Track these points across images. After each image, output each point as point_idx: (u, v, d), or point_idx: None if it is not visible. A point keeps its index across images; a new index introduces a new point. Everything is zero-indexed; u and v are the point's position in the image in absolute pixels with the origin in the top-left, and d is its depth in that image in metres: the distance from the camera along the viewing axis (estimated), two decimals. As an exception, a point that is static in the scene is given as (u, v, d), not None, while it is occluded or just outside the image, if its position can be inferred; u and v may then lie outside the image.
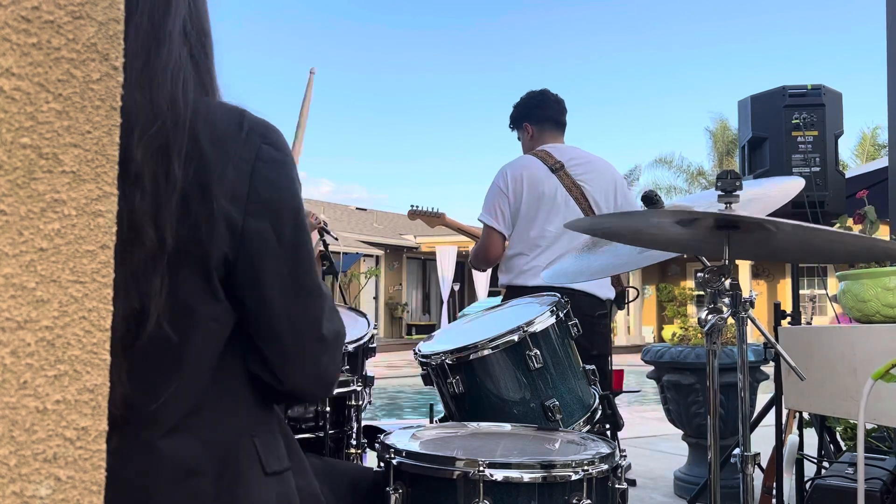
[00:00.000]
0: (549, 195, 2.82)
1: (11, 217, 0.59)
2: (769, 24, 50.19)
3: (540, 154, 2.92)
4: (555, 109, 3.06)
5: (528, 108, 3.08)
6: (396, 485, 1.30)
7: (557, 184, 2.83)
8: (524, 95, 3.13)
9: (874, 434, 2.98)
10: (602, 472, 1.30)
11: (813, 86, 3.03)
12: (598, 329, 2.82)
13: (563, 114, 3.09)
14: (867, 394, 1.50)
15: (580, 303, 2.72)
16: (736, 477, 1.57)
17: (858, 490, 1.59)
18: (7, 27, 0.58)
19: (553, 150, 2.93)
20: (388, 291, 23.96)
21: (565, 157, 2.90)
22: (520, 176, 2.85)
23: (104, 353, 0.64)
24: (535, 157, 2.91)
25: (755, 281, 21.72)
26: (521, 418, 1.75)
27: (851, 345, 2.03)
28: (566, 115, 3.11)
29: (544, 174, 2.85)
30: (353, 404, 2.02)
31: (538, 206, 2.82)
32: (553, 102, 3.07)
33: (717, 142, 25.84)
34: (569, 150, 2.96)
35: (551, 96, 3.09)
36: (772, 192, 1.65)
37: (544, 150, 2.93)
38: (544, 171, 2.86)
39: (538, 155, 2.92)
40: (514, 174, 2.87)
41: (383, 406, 9.43)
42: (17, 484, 0.58)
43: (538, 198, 2.82)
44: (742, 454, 1.55)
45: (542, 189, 2.83)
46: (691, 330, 4.71)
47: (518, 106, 3.12)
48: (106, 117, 0.64)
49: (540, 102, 3.07)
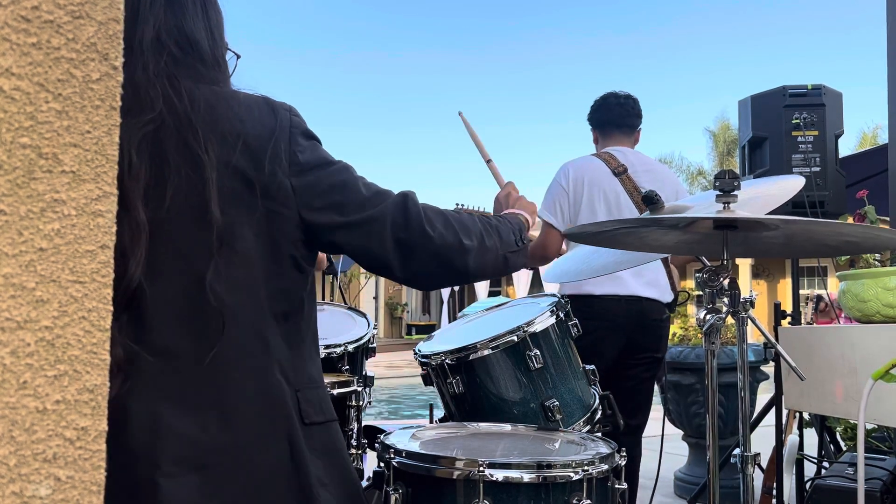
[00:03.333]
0: (609, 198, 2.80)
1: (11, 217, 0.59)
2: (770, 24, 50.23)
3: (604, 156, 2.89)
4: (616, 113, 3.01)
5: (591, 111, 3.08)
6: (396, 485, 1.30)
7: (619, 187, 2.81)
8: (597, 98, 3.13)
9: (874, 434, 2.98)
10: (602, 473, 1.30)
11: (813, 86, 3.03)
12: (662, 333, 2.84)
13: (626, 116, 3.02)
14: (867, 394, 1.50)
15: (648, 308, 2.75)
16: (736, 477, 1.57)
17: (858, 490, 1.59)
18: (7, 27, 0.58)
19: (618, 153, 2.90)
20: (388, 291, 23.95)
21: (629, 161, 2.87)
22: (581, 175, 2.83)
23: (104, 353, 0.64)
24: (599, 159, 2.89)
25: (755, 281, 21.70)
26: (521, 418, 1.75)
27: (851, 345, 2.03)
28: (634, 117, 3.03)
29: (606, 176, 2.83)
30: (353, 404, 2.02)
31: (598, 208, 2.80)
32: (615, 106, 3.02)
33: (718, 142, 25.85)
34: (633, 154, 2.93)
35: (613, 100, 3.04)
36: (772, 191, 1.65)
37: (608, 153, 2.90)
38: (607, 173, 2.83)
39: (602, 157, 2.89)
40: (576, 173, 2.84)
41: (383, 406, 9.43)
42: (16, 484, 0.58)
43: (598, 199, 2.80)
44: (742, 454, 1.55)
45: (603, 190, 2.81)
46: (691, 330, 4.72)
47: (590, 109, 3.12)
48: (106, 117, 0.64)
49: (599, 106, 3.05)
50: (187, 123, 1.06)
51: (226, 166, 1.08)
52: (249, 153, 1.10)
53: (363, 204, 1.17)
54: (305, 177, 1.14)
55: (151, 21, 1.10)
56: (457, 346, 1.81)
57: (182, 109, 1.06)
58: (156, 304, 1.05)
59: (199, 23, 1.16)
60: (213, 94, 1.12)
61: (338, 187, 1.16)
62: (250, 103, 1.15)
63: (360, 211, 1.16)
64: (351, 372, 2.14)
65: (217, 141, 1.08)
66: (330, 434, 1.19)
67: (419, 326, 23.71)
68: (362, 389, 2.15)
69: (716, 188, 1.40)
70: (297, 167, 1.14)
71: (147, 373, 1.04)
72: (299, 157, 1.14)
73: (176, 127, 1.06)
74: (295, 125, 1.16)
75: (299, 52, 55.00)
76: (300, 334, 1.19)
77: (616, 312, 2.69)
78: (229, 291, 1.08)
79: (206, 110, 1.09)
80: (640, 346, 2.75)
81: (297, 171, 1.14)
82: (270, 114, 1.15)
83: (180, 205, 1.06)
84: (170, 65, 1.10)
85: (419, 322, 24.82)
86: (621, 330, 2.71)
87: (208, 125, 1.08)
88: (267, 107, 1.16)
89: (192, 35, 1.15)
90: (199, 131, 1.07)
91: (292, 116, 1.17)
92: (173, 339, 1.06)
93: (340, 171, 1.19)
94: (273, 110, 1.15)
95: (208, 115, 1.09)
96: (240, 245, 1.09)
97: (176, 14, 1.14)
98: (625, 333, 2.71)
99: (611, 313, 2.69)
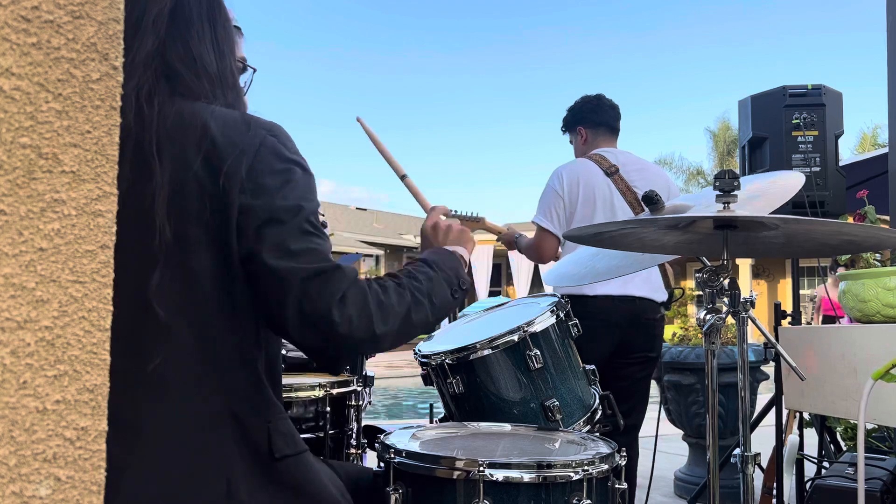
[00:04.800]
0: (604, 199, 2.82)
1: (11, 217, 0.59)
2: (770, 24, 50.22)
3: (595, 158, 2.91)
4: (610, 115, 3.05)
5: (584, 112, 3.07)
6: (396, 485, 1.29)
7: (613, 188, 2.83)
8: (579, 99, 3.12)
9: (874, 434, 2.98)
10: (602, 473, 1.30)
11: (813, 86, 3.03)
12: (656, 332, 2.85)
13: (617, 119, 3.08)
14: (867, 394, 1.50)
15: (641, 308, 2.76)
16: (736, 477, 1.57)
17: (858, 490, 1.59)
18: (7, 27, 0.58)
19: (608, 153, 2.93)
20: (388, 291, 23.89)
21: (620, 161, 2.89)
22: (576, 179, 2.84)
23: (104, 353, 0.64)
24: (591, 161, 2.90)
25: (755, 281, 21.69)
26: (521, 418, 1.75)
27: (851, 345, 2.03)
28: (620, 120, 3.10)
29: (600, 178, 2.85)
30: (353, 404, 2.02)
31: (594, 210, 2.82)
32: (608, 108, 3.06)
33: (718, 142, 25.84)
34: (623, 154, 2.96)
35: (606, 101, 3.08)
36: (772, 189, 1.65)
37: (599, 154, 2.93)
38: (600, 174, 2.85)
39: (593, 158, 2.91)
40: (570, 177, 2.86)
41: (383, 406, 9.43)
42: (16, 484, 0.58)
43: (594, 201, 2.82)
44: (742, 454, 1.55)
45: (598, 192, 2.82)
46: (691, 330, 4.72)
47: (573, 110, 3.12)
48: (106, 117, 0.64)
49: (595, 107, 3.06)
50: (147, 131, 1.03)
51: (186, 180, 1.04)
52: (210, 168, 1.05)
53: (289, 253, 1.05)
54: (253, 197, 1.06)
55: (152, 37, 1.09)
56: (457, 346, 1.81)
57: (148, 119, 1.04)
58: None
59: (204, 38, 1.15)
60: (190, 108, 1.08)
61: (275, 222, 1.06)
62: (228, 120, 1.10)
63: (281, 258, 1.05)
64: (351, 372, 2.14)
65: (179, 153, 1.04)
66: (303, 466, 1.12)
67: (419, 326, 23.61)
68: (362, 389, 2.15)
69: (715, 188, 1.40)
70: (251, 185, 1.06)
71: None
72: (257, 177, 1.06)
73: (137, 135, 1.02)
74: (266, 143, 1.09)
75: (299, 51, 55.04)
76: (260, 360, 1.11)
77: (610, 312, 2.71)
78: (173, 310, 1.02)
79: (176, 121, 1.06)
80: (634, 346, 2.77)
81: (249, 190, 1.06)
82: (244, 132, 1.08)
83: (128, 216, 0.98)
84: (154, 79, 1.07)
85: (419, 322, 24.71)
86: (615, 329, 2.72)
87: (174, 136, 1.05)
88: (244, 124, 1.10)
89: (196, 51, 1.13)
90: (155, 139, 1.03)
91: (269, 135, 1.10)
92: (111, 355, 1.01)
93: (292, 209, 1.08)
94: (248, 127, 1.10)
95: (177, 127, 1.06)
96: (194, 262, 1.04)
97: (180, 30, 1.13)
98: (618, 333, 2.73)
99: (604, 313, 2.71)
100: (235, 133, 1.08)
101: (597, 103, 3.07)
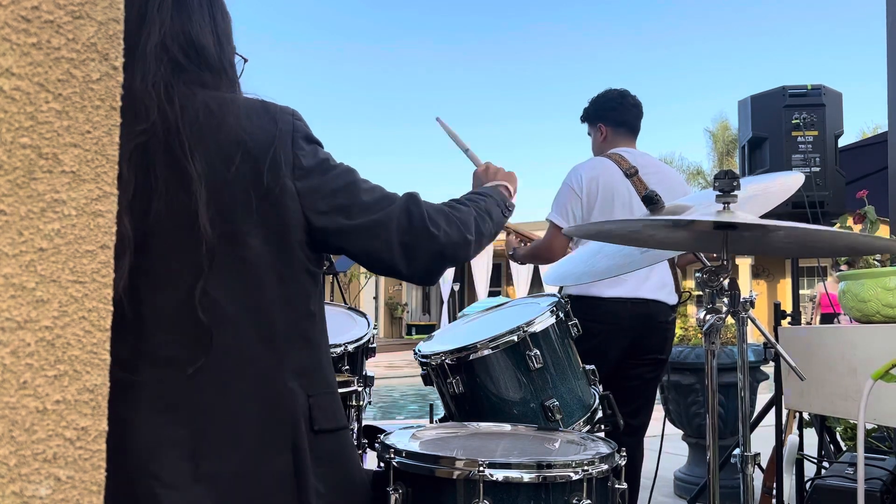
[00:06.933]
0: (623, 200, 2.77)
1: (11, 217, 0.59)
2: (770, 24, 50.23)
3: (614, 157, 2.85)
4: (632, 114, 2.98)
5: (606, 109, 3.00)
6: (396, 485, 1.29)
7: (631, 189, 2.78)
8: (603, 93, 3.03)
9: (874, 434, 2.98)
10: (602, 473, 1.30)
11: (813, 86, 3.03)
12: (667, 335, 2.82)
13: (639, 118, 3.01)
14: (867, 394, 1.50)
15: (654, 311, 2.73)
16: (736, 477, 1.57)
17: (858, 490, 1.59)
18: (7, 27, 0.58)
19: (627, 154, 2.87)
20: (388, 291, 23.94)
21: (639, 162, 2.84)
22: (594, 178, 2.78)
23: (104, 353, 0.64)
24: (610, 160, 2.84)
25: (755, 281, 21.69)
26: (521, 418, 1.75)
27: (851, 345, 2.03)
28: (642, 119, 3.03)
29: (619, 178, 2.79)
30: (353, 404, 2.02)
31: (612, 210, 2.77)
32: (631, 106, 2.99)
33: (718, 142, 25.84)
34: (642, 156, 2.91)
35: (630, 100, 3.00)
36: (771, 188, 1.65)
37: (618, 154, 2.86)
38: (619, 175, 2.80)
39: (612, 158, 2.85)
40: (589, 176, 2.79)
41: (383, 406, 9.43)
42: (17, 484, 0.58)
43: (612, 201, 2.77)
44: (742, 454, 1.55)
45: (617, 193, 2.77)
46: (691, 330, 4.72)
47: (595, 103, 3.03)
48: (106, 117, 0.64)
49: (618, 105, 2.98)
50: (176, 134, 1.05)
51: (227, 175, 1.08)
52: (251, 160, 1.10)
53: (369, 207, 1.17)
54: (309, 180, 1.14)
55: (158, 25, 1.10)
56: (457, 346, 1.81)
57: (173, 119, 1.06)
58: (155, 315, 1.05)
59: (205, 27, 1.16)
60: (214, 100, 1.11)
61: (342, 190, 1.17)
62: (250, 109, 1.14)
63: (366, 214, 1.17)
64: (351, 372, 2.14)
65: (216, 150, 1.08)
66: (339, 442, 1.19)
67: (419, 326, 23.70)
68: (362, 389, 2.15)
69: (715, 188, 1.40)
70: (300, 171, 1.14)
71: (146, 383, 1.04)
72: (302, 162, 1.14)
73: (165, 138, 1.05)
74: (297, 129, 1.16)
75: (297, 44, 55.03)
76: (315, 338, 1.19)
77: (622, 315, 2.68)
78: (231, 300, 1.08)
79: (206, 117, 1.08)
80: (645, 348, 2.74)
81: (301, 175, 1.14)
82: (271, 120, 1.14)
83: (168, 217, 1.05)
84: (168, 72, 1.09)
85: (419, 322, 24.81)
86: (627, 332, 2.69)
87: (206, 134, 1.08)
88: (266, 113, 1.15)
89: (198, 40, 1.14)
90: (187, 143, 1.06)
91: (294, 121, 1.17)
92: (172, 351, 1.06)
93: (344, 174, 1.19)
94: (273, 116, 1.15)
95: (208, 123, 1.08)
96: (246, 253, 1.09)
97: (182, 18, 1.14)
98: (630, 335, 2.70)
99: (616, 316, 2.67)
100: (264, 122, 1.13)
101: (620, 101, 2.99)
